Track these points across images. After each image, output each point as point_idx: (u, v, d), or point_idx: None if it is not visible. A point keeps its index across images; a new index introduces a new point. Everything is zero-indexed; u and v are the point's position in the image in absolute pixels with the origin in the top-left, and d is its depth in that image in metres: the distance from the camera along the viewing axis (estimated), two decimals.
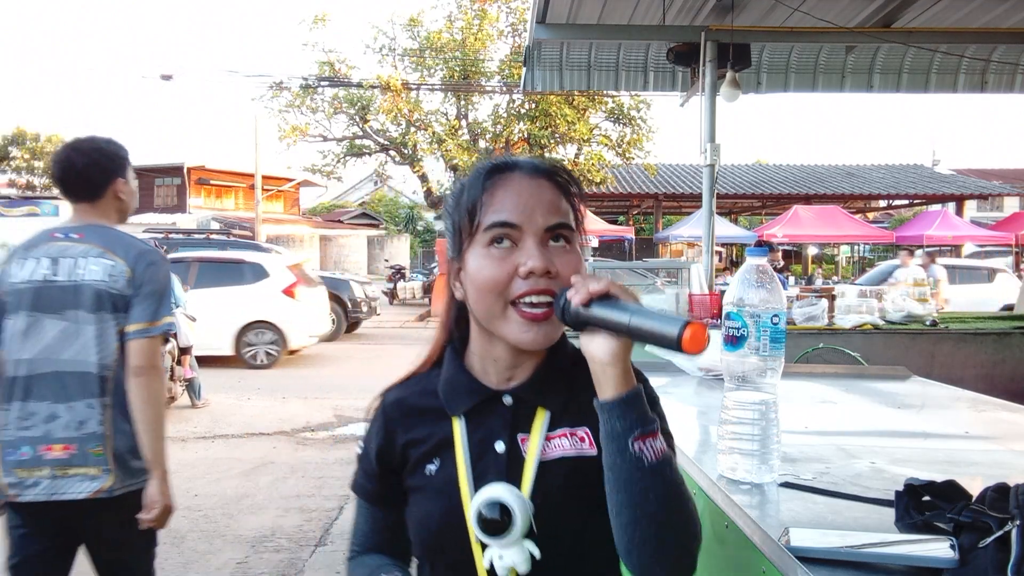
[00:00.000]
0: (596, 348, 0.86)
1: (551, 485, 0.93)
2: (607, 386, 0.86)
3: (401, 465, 1.01)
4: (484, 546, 0.92)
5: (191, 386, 7.07)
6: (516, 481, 0.93)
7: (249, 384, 8.49)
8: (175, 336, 6.59)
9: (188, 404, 7.14)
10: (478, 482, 0.94)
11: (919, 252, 10.45)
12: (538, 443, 0.95)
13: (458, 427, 0.97)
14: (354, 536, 1.07)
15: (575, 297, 0.86)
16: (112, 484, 1.95)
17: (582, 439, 0.96)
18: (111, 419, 1.96)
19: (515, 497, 0.90)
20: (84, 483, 1.92)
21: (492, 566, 0.92)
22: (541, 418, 0.96)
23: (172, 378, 6.69)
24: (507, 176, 0.94)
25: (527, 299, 0.90)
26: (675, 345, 0.79)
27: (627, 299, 0.85)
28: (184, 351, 6.90)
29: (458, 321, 1.02)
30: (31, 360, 1.93)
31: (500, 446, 0.95)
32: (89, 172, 2.03)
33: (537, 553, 0.91)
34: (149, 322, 1.99)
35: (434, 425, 0.99)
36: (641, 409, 0.86)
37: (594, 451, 0.94)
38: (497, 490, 0.91)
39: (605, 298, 0.85)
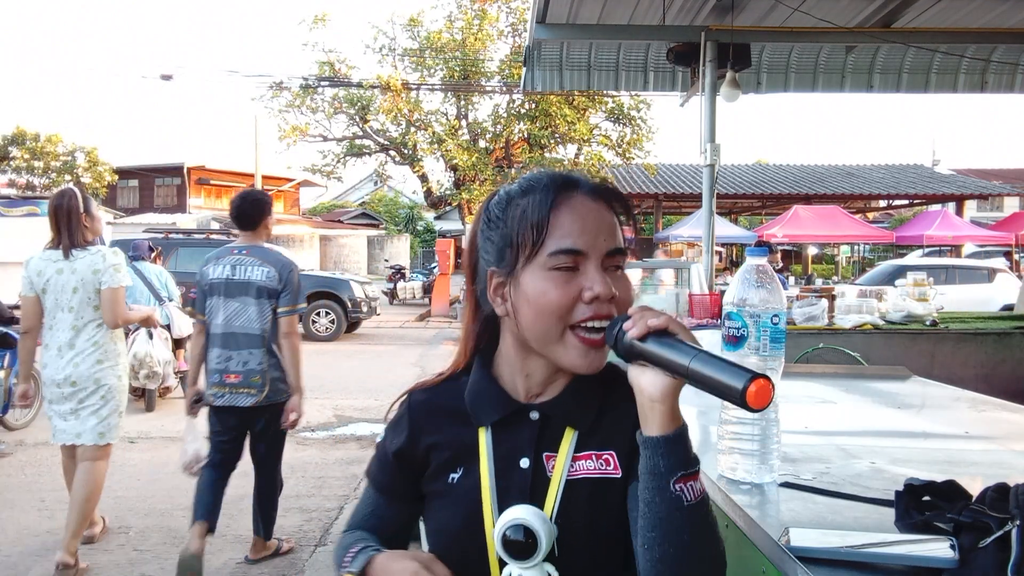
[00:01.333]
0: (646, 383, 0.84)
1: (574, 507, 0.93)
2: (653, 423, 0.84)
3: (422, 467, 1.01)
4: (502, 563, 0.92)
5: (184, 378, 7.00)
6: (540, 501, 0.92)
7: None
8: (168, 327, 6.65)
9: (181, 395, 7.13)
10: (501, 496, 0.94)
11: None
12: (564, 463, 0.94)
13: (484, 438, 0.97)
14: (354, 515, 1.10)
15: (632, 330, 0.84)
16: (262, 399, 3.34)
17: (607, 462, 0.95)
18: (264, 361, 3.33)
19: (541, 521, 0.90)
20: (247, 398, 3.33)
21: None
22: (569, 437, 0.95)
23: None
24: (571, 196, 0.93)
25: (589, 324, 0.89)
26: (739, 400, 0.77)
27: (685, 337, 0.84)
28: (178, 343, 6.88)
29: (485, 330, 1.02)
30: (221, 324, 3.32)
31: (525, 462, 0.94)
32: (248, 213, 3.41)
33: (555, 575, 0.90)
34: (291, 306, 3.38)
35: (459, 432, 0.98)
36: (686, 449, 0.84)
37: (618, 474, 0.94)
38: (523, 512, 0.90)
39: (662, 334, 0.84)
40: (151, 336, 4.24)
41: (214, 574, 3.52)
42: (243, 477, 5.01)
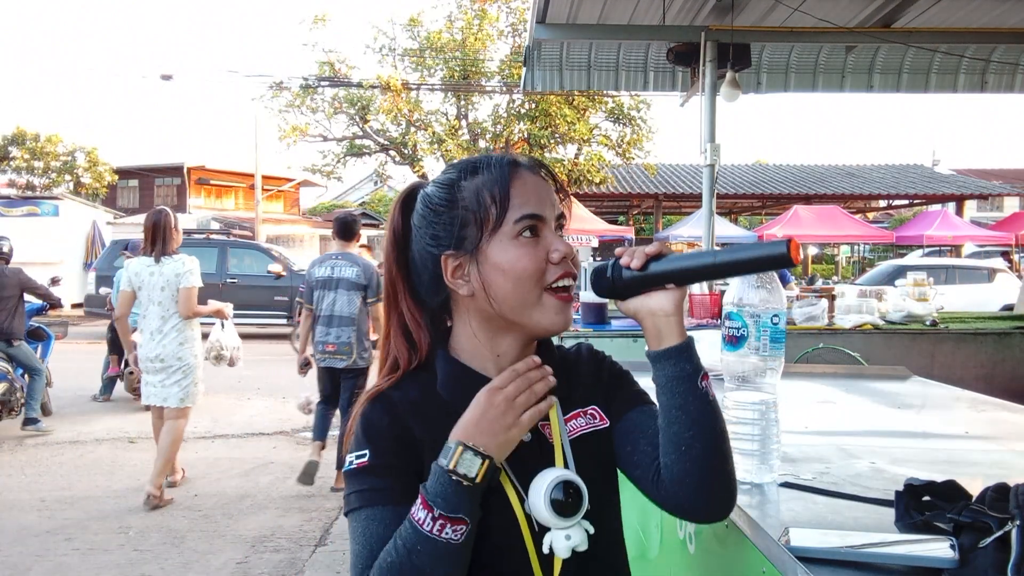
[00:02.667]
0: (656, 303, 0.96)
1: (584, 463, 0.98)
2: (671, 334, 0.96)
3: (419, 462, 0.94)
4: (540, 533, 0.92)
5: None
6: (553, 465, 0.96)
7: (249, 384, 8.49)
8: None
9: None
10: (517, 473, 0.94)
11: None
12: (560, 427, 1.00)
13: None
14: (368, 557, 0.89)
15: (634, 262, 0.95)
16: (350, 363, 4.59)
17: (594, 415, 1.04)
18: (355, 337, 4.57)
19: (575, 476, 0.94)
20: (340, 361, 4.59)
21: (551, 551, 0.92)
22: (553, 405, 0.98)
23: None
24: (519, 171, 0.99)
25: (561, 282, 0.97)
26: (786, 259, 0.86)
27: (672, 251, 0.96)
28: None
29: (432, 322, 1.04)
30: (324, 309, 4.57)
31: (527, 435, 0.95)
32: (347, 228, 4.77)
33: (591, 529, 0.94)
34: (377, 296, 4.58)
35: (447, 422, 0.93)
36: (697, 354, 0.96)
37: (606, 423, 1.04)
38: (555, 474, 0.92)
39: (658, 257, 0.95)
40: (223, 326, 5.10)
41: (214, 574, 3.52)
42: (243, 477, 5.02)
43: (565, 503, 0.90)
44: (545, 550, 0.92)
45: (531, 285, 0.95)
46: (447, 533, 0.85)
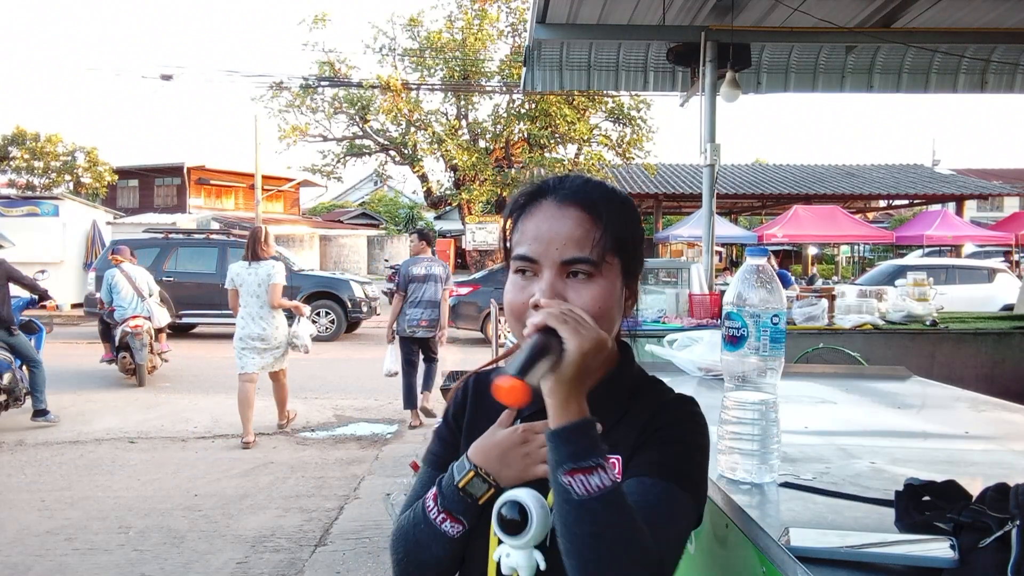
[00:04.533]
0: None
1: None
2: (549, 416, 0.86)
3: (463, 436, 1.07)
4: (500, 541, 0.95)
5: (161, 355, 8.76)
6: (547, 492, 0.93)
7: None
8: (150, 318, 8.20)
9: (175, 393, 7.17)
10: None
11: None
12: None
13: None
14: (410, 498, 1.07)
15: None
16: (430, 334, 6.46)
17: (612, 465, 0.92)
18: (434, 315, 6.42)
19: (539, 505, 0.92)
20: (424, 332, 6.44)
21: (499, 563, 0.95)
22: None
23: (152, 352, 8.32)
24: (537, 205, 0.98)
25: None
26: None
27: (563, 330, 0.85)
28: (159, 330, 8.59)
29: None
30: (419, 296, 6.38)
31: None
32: (430, 237, 6.72)
33: (543, 565, 0.92)
34: (451, 288, 6.93)
35: (496, 413, 1.01)
36: (578, 443, 0.83)
37: (619, 479, 0.93)
38: (522, 493, 0.93)
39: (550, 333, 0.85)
40: (299, 321, 6.16)
41: (214, 574, 3.52)
42: (243, 477, 5.02)
43: (506, 520, 0.92)
44: (495, 557, 0.96)
45: (514, 320, 0.97)
46: (446, 526, 0.96)
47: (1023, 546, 0.86)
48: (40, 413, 6.36)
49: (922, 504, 1.08)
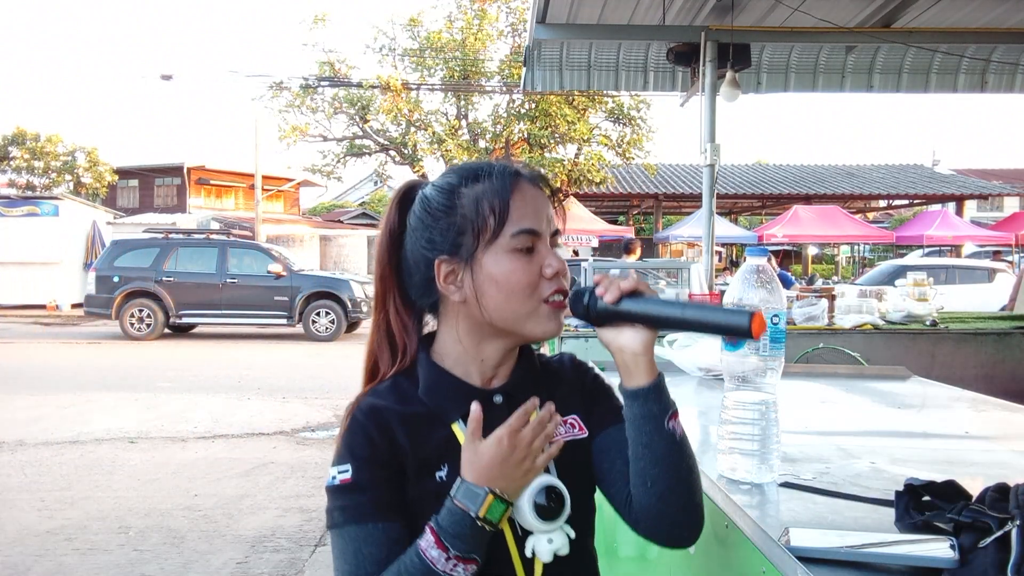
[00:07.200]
0: (626, 341, 0.95)
1: (563, 469, 1.00)
2: (639, 373, 0.95)
3: (401, 473, 0.95)
4: (522, 537, 0.95)
5: None
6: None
7: (249, 384, 8.49)
8: None
9: (177, 394, 7.16)
10: None
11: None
12: None
13: (458, 430, 0.97)
14: (368, 572, 0.90)
15: (607, 295, 0.94)
16: None
17: (572, 425, 1.05)
18: None
19: (556, 480, 0.96)
20: None
21: (533, 555, 0.95)
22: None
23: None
24: (521, 183, 0.99)
25: (553, 298, 0.98)
26: (745, 332, 0.88)
27: (651, 293, 0.95)
28: None
29: (417, 325, 1.05)
30: None
31: None
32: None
33: (573, 534, 0.96)
34: None
35: (429, 431, 0.96)
36: (668, 393, 0.97)
37: (585, 434, 1.05)
38: (539, 479, 0.95)
39: (633, 294, 0.94)
40: None
41: (214, 574, 3.52)
42: (243, 477, 5.02)
43: (548, 508, 0.93)
44: (528, 554, 0.95)
45: (523, 298, 0.96)
46: (458, 571, 0.87)
47: (1023, 546, 0.86)
48: None
49: (922, 504, 1.08)
